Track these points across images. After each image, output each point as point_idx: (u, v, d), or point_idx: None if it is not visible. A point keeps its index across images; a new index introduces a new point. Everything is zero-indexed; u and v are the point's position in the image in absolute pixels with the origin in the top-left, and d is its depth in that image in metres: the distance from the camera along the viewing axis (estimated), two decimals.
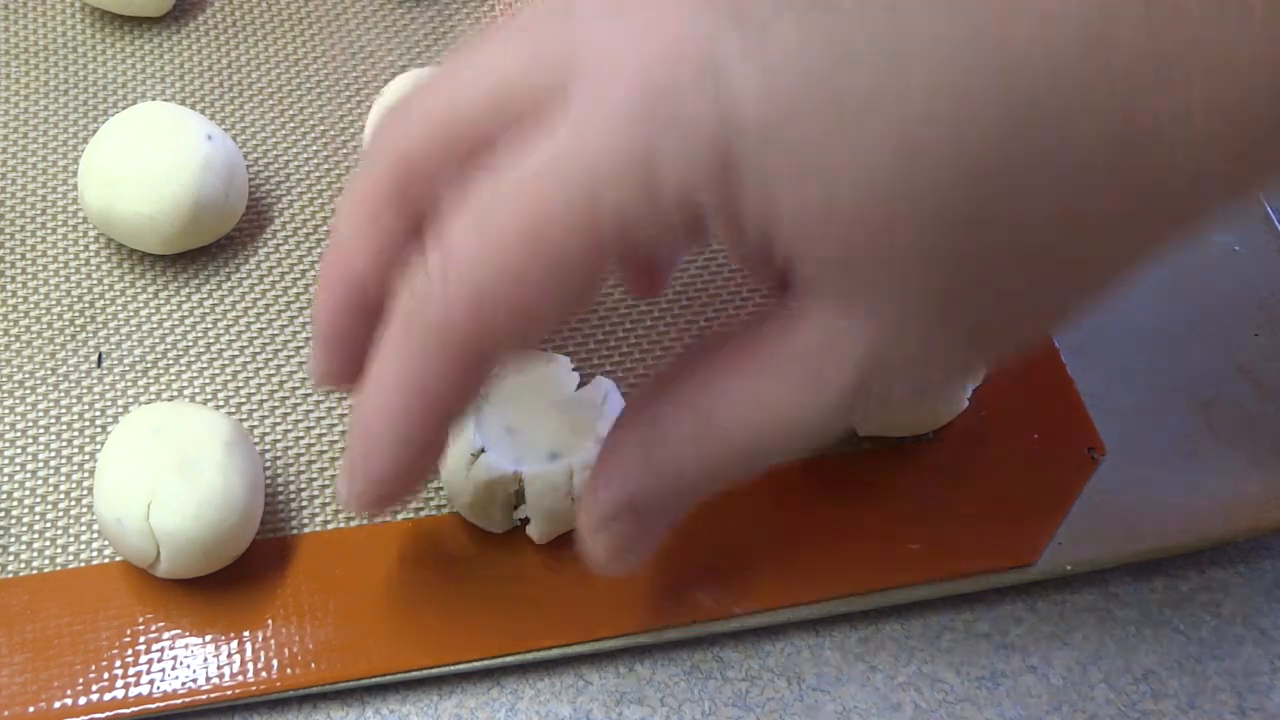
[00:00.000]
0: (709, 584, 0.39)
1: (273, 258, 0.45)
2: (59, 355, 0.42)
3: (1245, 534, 0.41)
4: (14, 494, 0.40)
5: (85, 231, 0.45)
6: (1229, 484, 0.41)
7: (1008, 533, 0.40)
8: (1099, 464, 0.42)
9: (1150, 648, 0.39)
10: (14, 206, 0.46)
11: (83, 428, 0.41)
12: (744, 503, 0.40)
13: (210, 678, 0.37)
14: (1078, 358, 0.44)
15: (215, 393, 0.42)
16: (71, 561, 0.39)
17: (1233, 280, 0.46)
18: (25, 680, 0.36)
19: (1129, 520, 0.41)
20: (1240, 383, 0.44)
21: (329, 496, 0.40)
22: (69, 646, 0.37)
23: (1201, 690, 0.39)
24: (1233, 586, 0.41)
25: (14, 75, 0.49)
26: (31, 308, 0.43)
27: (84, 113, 0.48)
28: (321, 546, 0.39)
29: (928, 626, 0.40)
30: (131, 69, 0.49)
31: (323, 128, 0.48)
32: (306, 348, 0.43)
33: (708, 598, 0.39)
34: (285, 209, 0.46)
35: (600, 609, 0.38)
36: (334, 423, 0.41)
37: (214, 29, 0.50)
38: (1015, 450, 0.42)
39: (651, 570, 0.39)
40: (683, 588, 0.39)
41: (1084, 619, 0.40)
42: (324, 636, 0.37)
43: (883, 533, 0.40)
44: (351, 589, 0.38)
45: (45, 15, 0.50)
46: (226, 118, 0.48)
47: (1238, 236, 0.47)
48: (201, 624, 0.38)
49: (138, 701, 0.36)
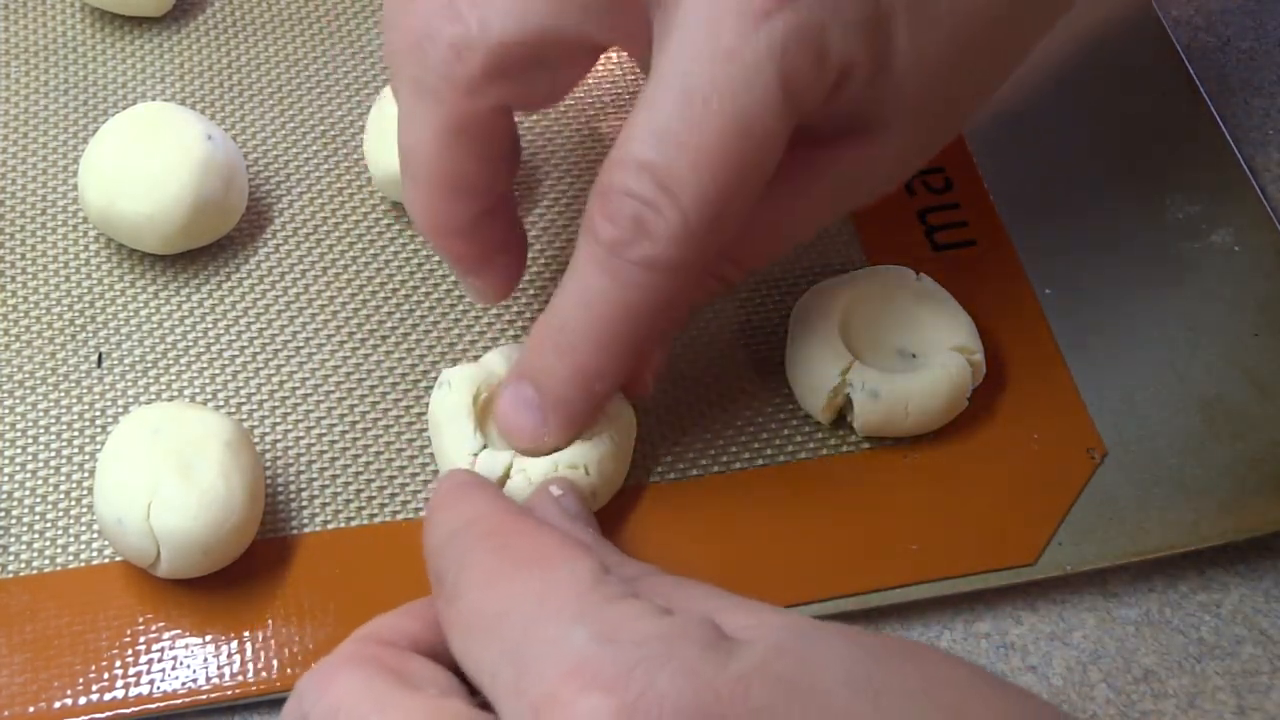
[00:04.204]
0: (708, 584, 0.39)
1: (273, 258, 0.45)
2: (59, 355, 0.42)
3: (1245, 534, 0.41)
4: (14, 494, 0.40)
5: (85, 231, 0.45)
6: (1229, 484, 0.41)
7: (1007, 533, 0.40)
8: (1099, 464, 0.42)
9: (1150, 648, 0.39)
10: (14, 206, 0.46)
11: (83, 428, 0.41)
12: (744, 503, 0.40)
13: (210, 678, 0.37)
14: (1078, 358, 0.44)
15: (215, 393, 0.42)
16: (71, 561, 0.39)
17: (1233, 280, 0.46)
18: (25, 680, 0.36)
19: (1129, 520, 0.41)
20: (1240, 383, 0.44)
21: (329, 496, 0.40)
22: (69, 646, 0.37)
23: (1201, 690, 0.39)
24: (1233, 586, 0.41)
25: (14, 75, 0.49)
26: (31, 308, 0.43)
27: (84, 113, 0.48)
28: (321, 546, 0.39)
29: (928, 626, 0.40)
30: (131, 69, 0.49)
31: (323, 128, 0.48)
32: (307, 348, 0.43)
33: None
34: (285, 209, 0.46)
35: None
36: (334, 423, 0.41)
37: (214, 29, 0.50)
38: (1015, 450, 0.42)
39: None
40: None
41: (1084, 619, 0.40)
42: (324, 636, 0.37)
43: (883, 533, 0.40)
44: (351, 589, 0.38)
45: (45, 15, 0.50)
46: (226, 118, 0.48)
47: (1238, 236, 0.47)
48: (201, 624, 0.38)
49: (138, 701, 0.36)
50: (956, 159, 0.48)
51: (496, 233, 0.38)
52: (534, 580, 0.27)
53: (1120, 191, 0.48)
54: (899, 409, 0.40)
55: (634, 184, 0.32)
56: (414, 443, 0.41)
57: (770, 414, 0.42)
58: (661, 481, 0.41)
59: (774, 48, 0.31)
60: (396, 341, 0.43)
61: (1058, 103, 0.50)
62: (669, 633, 0.25)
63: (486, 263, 0.39)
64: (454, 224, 0.37)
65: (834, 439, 0.42)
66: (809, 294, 0.43)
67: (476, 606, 0.28)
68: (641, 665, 0.25)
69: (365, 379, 0.42)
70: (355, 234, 0.45)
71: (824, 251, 0.46)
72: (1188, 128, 0.50)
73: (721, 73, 0.31)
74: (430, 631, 0.30)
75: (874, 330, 0.42)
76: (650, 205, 0.32)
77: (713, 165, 0.31)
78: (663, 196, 0.31)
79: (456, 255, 0.38)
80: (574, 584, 0.27)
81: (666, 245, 0.32)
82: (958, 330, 0.41)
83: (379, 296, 0.44)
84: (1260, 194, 0.48)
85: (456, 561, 0.29)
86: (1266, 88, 0.52)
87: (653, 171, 0.31)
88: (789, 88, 0.31)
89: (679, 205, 0.32)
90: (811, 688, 0.25)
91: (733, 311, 0.44)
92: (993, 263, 0.46)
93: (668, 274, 0.33)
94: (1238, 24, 0.54)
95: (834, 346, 0.41)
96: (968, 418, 0.42)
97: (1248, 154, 0.50)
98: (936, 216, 0.47)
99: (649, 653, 0.25)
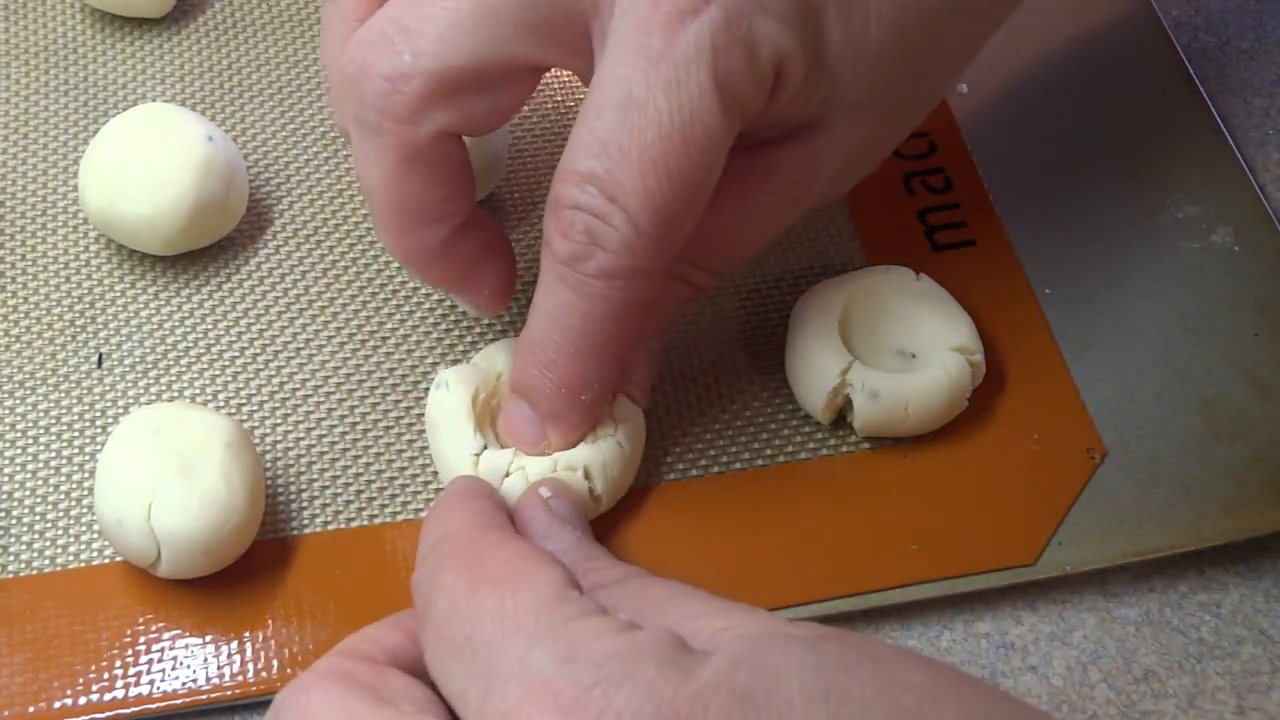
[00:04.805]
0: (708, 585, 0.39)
1: (273, 258, 0.45)
2: (59, 355, 0.42)
3: (1245, 534, 0.41)
4: (14, 494, 0.40)
5: (85, 232, 0.45)
6: (1229, 484, 0.41)
7: (1007, 533, 0.40)
8: (1099, 464, 0.42)
9: (1150, 648, 0.39)
10: (14, 207, 0.46)
11: (83, 428, 0.41)
12: (743, 503, 0.40)
13: (210, 678, 0.37)
14: (1078, 358, 0.44)
15: (215, 393, 0.42)
16: (71, 561, 0.39)
17: (1233, 280, 0.46)
18: (25, 680, 0.36)
19: (1129, 520, 0.41)
20: (1240, 383, 0.44)
21: (329, 497, 0.40)
22: (69, 646, 0.37)
23: (1201, 690, 0.39)
24: (1233, 586, 0.41)
25: (14, 75, 0.49)
26: (31, 308, 0.43)
27: (84, 113, 0.48)
28: (321, 547, 0.39)
29: (928, 626, 0.40)
30: (131, 69, 0.49)
31: (323, 128, 0.48)
32: (307, 348, 0.43)
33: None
34: (285, 209, 0.46)
35: None
36: (334, 423, 0.41)
37: (214, 29, 0.50)
38: (1015, 450, 0.42)
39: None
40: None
41: (1084, 619, 0.40)
42: (324, 636, 0.37)
43: (883, 533, 0.40)
44: (351, 589, 0.38)
45: (45, 15, 0.50)
46: (227, 118, 0.48)
47: (1238, 236, 0.47)
48: (201, 624, 0.38)
49: (138, 701, 0.36)
50: (956, 159, 0.48)
51: (472, 249, 0.38)
52: (496, 599, 0.28)
53: (1120, 191, 0.48)
54: (899, 409, 0.40)
55: (581, 197, 0.32)
56: (414, 443, 0.41)
57: (770, 414, 0.42)
58: (661, 482, 0.41)
59: (702, 45, 0.31)
60: (397, 342, 0.43)
61: (1057, 102, 0.50)
62: (628, 650, 0.26)
63: (470, 280, 0.39)
64: (425, 250, 0.37)
65: (834, 439, 0.42)
66: (809, 294, 0.43)
67: (445, 628, 0.28)
68: (600, 686, 0.25)
69: (366, 380, 0.42)
70: (355, 234, 0.46)
71: (824, 251, 0.46)
72: (1188, 128, 0.50)
73: (655, 75, 0.31)
74: (414, 644, 0.30)
75: (874, 330, 0.42)
76: (600, 216, 0.32)
77: (657, 171, 0.31)
78: (610, 207, 0.32)
79: (437, 279, 0.38)
80: (535, 603, 0.27)
81: (620, 255, 0.32)
82: (958, 330, 0.41)
83: (379, 297, 0.44)
84: (1260, 194, 0.48)
85: (429, 580, 0.30)
86: (1266, 88, 0.52)
87: (598, 182, 0.32)
88: (724, 86, 0.31)
89: (627, 215, 0.32)
90: (768, 699, 0.25)
91: (733, 311, 0.44)
92: (993, 263, 0.46)
93: (627, 282, 0.33)
94: (1238, 24, 0.54)
95: (834, 347, 0.41)
96: (968, 418, 0.42)
97: (1248, 154, 0.50)
98: (936, 216, 0.47)
99: (607, 672, 0.25)
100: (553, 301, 0.34)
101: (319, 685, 0.28)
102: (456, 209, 0.37)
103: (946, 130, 0.49)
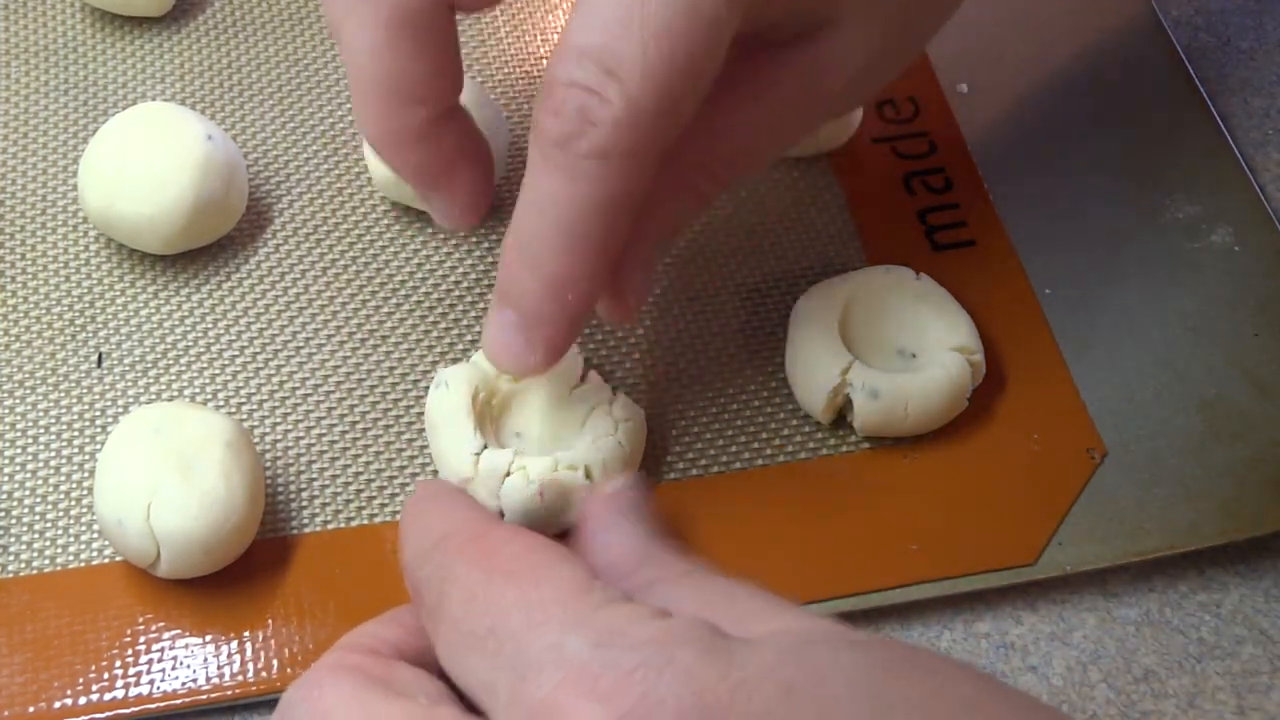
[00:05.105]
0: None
1: (273, 258, 0.45)
2: (59, 355, 0.42)
3: (1245, 534, 0.41)
4: (14, 494, 0.40)
5: (85, 231, 0.45)
6: (1229, 484, 0.41)
7: (1007, 533, 0.40)
8: (1099, 464, 0.42)
9: (1150, 648, 0.39)
10: (14, 206, 0.46)
11: (83, 428, 0.41)
12: (744, 503, 0.40)
13: (210, 678, 0.37)
14: (1078, 358, 0.44)
15: (215, 393, 0.42)
16: (71, 561, 0.39)
17: (1233, 280, 0.46)
18: (25, 680, 0.36)
19: (1129, 520, 0.41)
20: (1240, 383, 0.44)
21: (329, 496, 0.40)
22: (69, 646, 0.37)
23: (1201, 690, 0.39)
24: (1233, 586, 0.41)
25: (14, 75, 0.49)
26: (31, 308, 0.43)
27: (84, 113, 0.48)
28: (321, 546, 0.39)
29: (928, 626, 0.40)
30: (131, 69, 0.49)
31: (323, 128, 0.48)
32: (307, 348, 0.43)
33: None
34: (285, 209, 0.46)
35: None
36: (334, 423, 0.41)
37: (214, 29, 0.50)
38: (1015, 450, 0.42)
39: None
40: None
41: (1084, 619, 0.40)
42: (324, 636, 0.37)
43: (883, 533, 0.40)
44: (351, 589, 0.38)
45: (45, 15, 0.50)
46: (226, 118, 0.48)
47: (1238, 236, 0.47)
48: (201, 624, 0.38)
49: (138, 701, 0.36)
50: (956, 159, 0.48)
51: (451, 140, 0.36)
52: (518, 591, 0.27)
53: (1120, 191, 0.48)
54: (899, 409, 0.40)
55: (577, 73, 0.30)
56: (414, 443, 0.41)
57: (770, 414, 0.42)
58: (661, 481, 0.41)
59: None
60: (396, 341, 0.43)
61: (1057, 102, 0.50)
62: (665, 636, 0.25)
63: (446, 176, 0.36)
64: (404, 131, 0.35)
65: (834, 439, 0.42)
66: (808, 294, 0.43)
67: (464, 621, 0.27)
68: (639, 670, 0.24)
69: (365, 379, 0.42)
70: (355, 234, 0.45)
71: (824, 251, 0.46)
72: (1188, 128, 0.50)
73: None
74: (415, 638, 0.30)
75: (874, 330, 0.42)
76: (595, 93, 0.30)
77: (659, 44, 0.30)
78: (608, 80, 0.30)
79: (412, 167, 0.36)
80: (558, 593, 0.27)
81: (615, 131, 0.31)
82: (958, 330, 0.41)
83: (379, 296, 0.44)
84: (1260, 194, 0.48)
85: (438, 576, 0.29)
86: (1266, 88, 0.52)
87: (595, 56, 0.30)
88: None
89: (624, 89, 0.30)
90: (815, 695, 0.24)
91: (733, 311, 0.44)
92: (993, 263, 0.46)
93: (621, 163, 0.31)
94: (1238, 24, 0.54)
95: (834, 347, 0.41)
96: (968, 418, 0.42)
97: (1248, 154, 0.50)
98: (936, 216, 0.47)
99: (646, 657, 0.25)
100: (539, 191, 0.32)
101: (330, 679, 0.28)
102: (443, 91, 0.35)
103: (946, 130, 0.49)
